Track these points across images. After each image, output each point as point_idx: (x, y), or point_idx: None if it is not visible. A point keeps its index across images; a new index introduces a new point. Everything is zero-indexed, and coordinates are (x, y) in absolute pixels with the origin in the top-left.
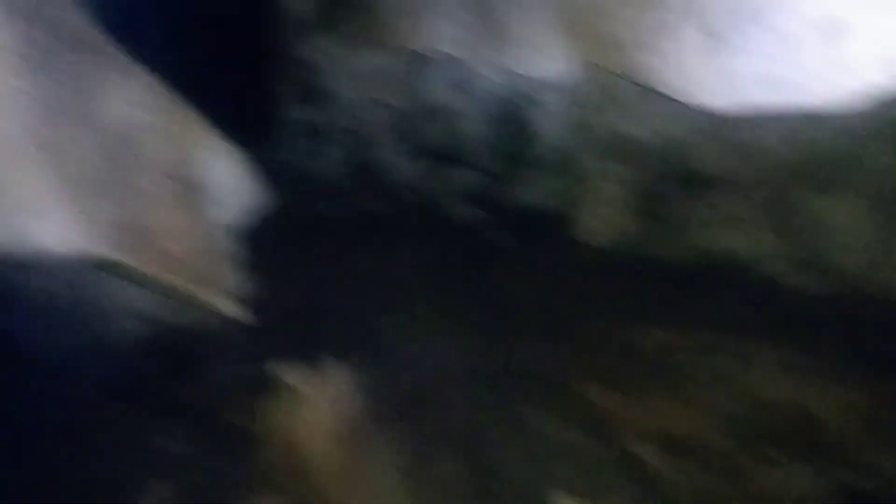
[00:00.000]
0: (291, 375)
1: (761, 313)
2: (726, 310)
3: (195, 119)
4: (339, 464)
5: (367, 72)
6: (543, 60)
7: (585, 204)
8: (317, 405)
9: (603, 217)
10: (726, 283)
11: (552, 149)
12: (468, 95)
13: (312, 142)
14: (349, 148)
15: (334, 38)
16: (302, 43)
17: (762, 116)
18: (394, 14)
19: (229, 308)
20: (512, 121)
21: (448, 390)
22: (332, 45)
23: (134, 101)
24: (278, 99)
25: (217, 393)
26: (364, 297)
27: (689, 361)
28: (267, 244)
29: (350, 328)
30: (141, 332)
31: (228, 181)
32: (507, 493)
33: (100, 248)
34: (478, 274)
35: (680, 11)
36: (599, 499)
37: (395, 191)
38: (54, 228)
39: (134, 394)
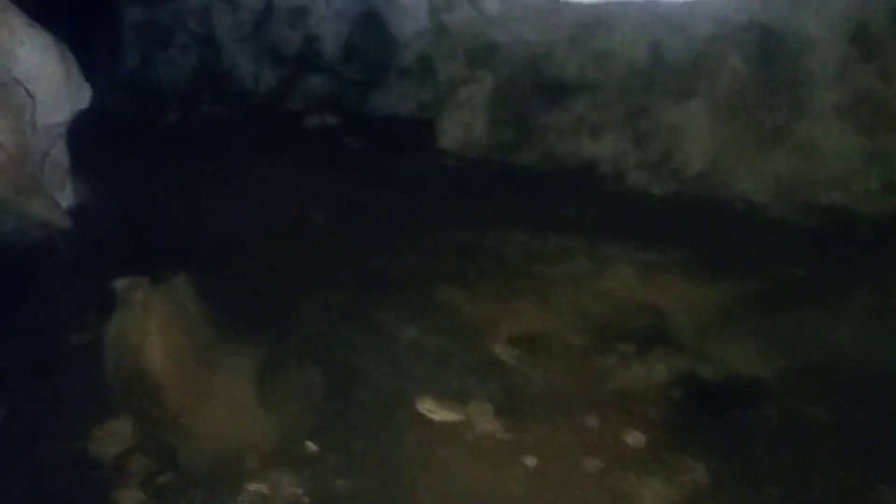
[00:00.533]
0: (130, 287)
1: (614, 216)
2: (582, 214)
3: (8, 7)
4: (187, 378)
5: None
6: None
7: (446, 111)
8: (159, 317)
9: (463, 124)
10: (583, 189)
11: (412, 53)
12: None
13: (156, 44)
14: (195, 51)
15: None
16: None
17: (621, 17)
18: None
19: (57, 218)
20: (368, 23)
21: (300, 297)
22: None
23: None
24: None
25: (52, 308)
26: (206, 204)
27: (547, 265)
28: (97, 150)
29: (191, 236)
30: None
31: (48, 79)
32: (369, 400)
33: None
34: (333, 181)
35: None
36: (463, 399)
37: (245, 96)
38: None
39: None
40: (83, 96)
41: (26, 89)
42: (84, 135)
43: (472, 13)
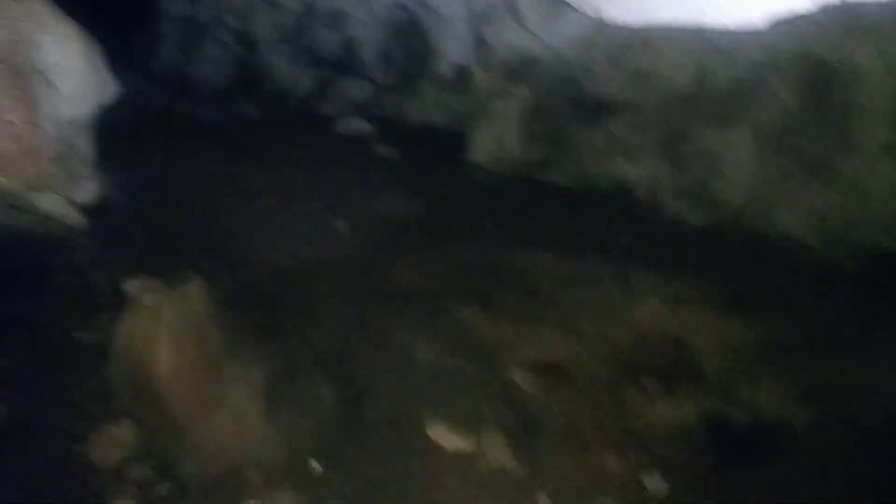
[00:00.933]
0: (143, 289)
1: (647, 244)
2: (613, 239)
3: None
4: (193, 386)
5: None
6: None
7: (480, 124)
8: (170, 322)
9: (497, 138)
10: (615, 212)
11: (449, 63)
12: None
13: (194, 39)
14: (232, 49)
15: None
16: None
17: (666, 39)
18: None
19: (70, 214)
20: (408, 31)
21: (316, 308)
22: None
23: None
24: None
25: (61, 306)
26: (228, 205)
27: (572, 289)
28: (124, 144)
29: (210, 238)
30: None
31: (71, 71)
32: (378, 420)
33: None
34: (360, 188)
35: None
36: (476, 427)
37: (279, 97)
38: None
39: None
40: (108, 90)
41: (47, 80)
42: (113, 128)
43: (512, 26)
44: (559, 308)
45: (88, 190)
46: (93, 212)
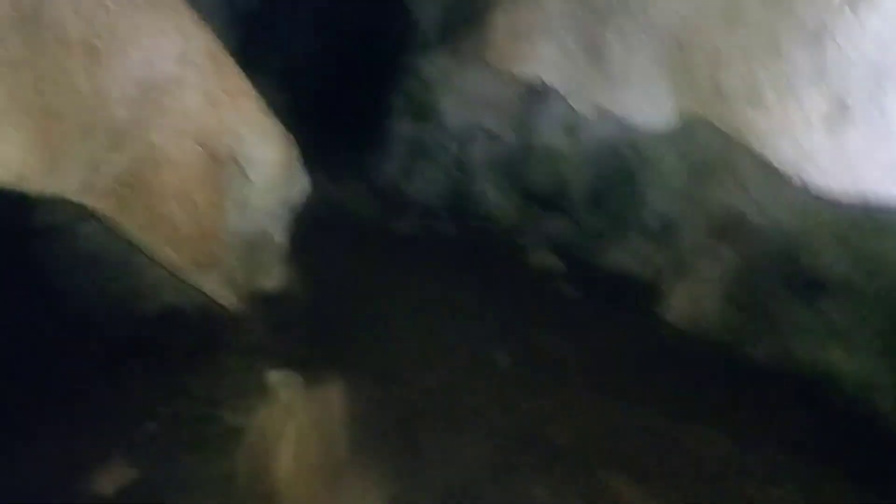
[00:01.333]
0: (283, 383)
1: (846, 448)
2: (808, 435)
3: (246, 90)
4: (309, 493)
5: (477, 96)
6: (650, 106)
7: (679, 281)
8: (301, 422)
9: (694, 299)
10: (815, 403)
11: (655, 213)
12: (573, 139)
13: (414, 158)
14: (448, 171)
15: (450, 54)
16: (419, 56)
17: (886, 213)
18: (507, 35)
19: (234, 298)
20: (617, 175)
21: (453, 438)
22: (446, 62)
23: (174, 52)
24: (386, 107)
25: (209, 383)
26: (397, 314)
27: (746, 481)
28: (316, 239)
29: (369, 343)
30: (126, 299)
31: (269, 164)
32: None
33: (94, 200)
34: (536, 326)
35: (807, 72)
36: None
37: (480, 221)
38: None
39: (113, 369)
40: (304, 187)
41: (242, 170)
42: (308, 224)
43: (729, 184)
44: (725, 498)
45: (262, 279)
46: (259, 300)
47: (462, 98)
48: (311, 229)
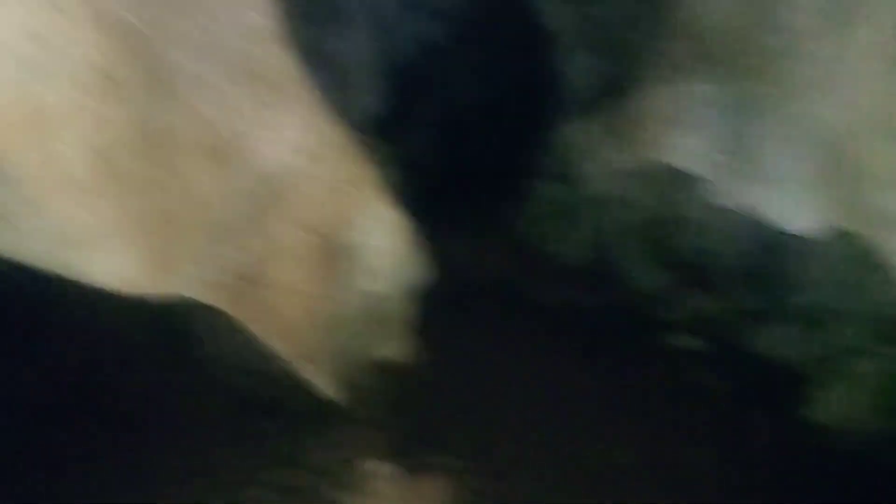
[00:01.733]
0: (383, 475)
1: None
2: None
3: (363, 177)
4: None
5: (623, 168)
6: (797, 212)
7: (831, 378)
8: None
9: (848, 401)
10: None
11: (807, 298)
12: (719, 225)
13: (550, 217)
14: (586, 233)
15: (600, 125)
16: (570, 121)
17: None
18: (656, 117)
19: (322, 391)
20: (768, 254)
21: None
22: (596, 130)
23: (292, 143)
24: (531, 168)
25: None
26: (518, 398)
27: None
28: (437, 319)
29: (479, 431)
30: (230, 387)
31: (385, 251)
32: None
33: (207, 294)
34: (669, 419)
35: None
36: None
37: (619, 294)
38: (153, 265)
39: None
40: (425, 269)
41: (357, 258)
42: (441, 295)
43: (890, 277)
44: None
45: (375, 365)
46: (371, 386)
47: (608, 168)
48: (440, 303)
